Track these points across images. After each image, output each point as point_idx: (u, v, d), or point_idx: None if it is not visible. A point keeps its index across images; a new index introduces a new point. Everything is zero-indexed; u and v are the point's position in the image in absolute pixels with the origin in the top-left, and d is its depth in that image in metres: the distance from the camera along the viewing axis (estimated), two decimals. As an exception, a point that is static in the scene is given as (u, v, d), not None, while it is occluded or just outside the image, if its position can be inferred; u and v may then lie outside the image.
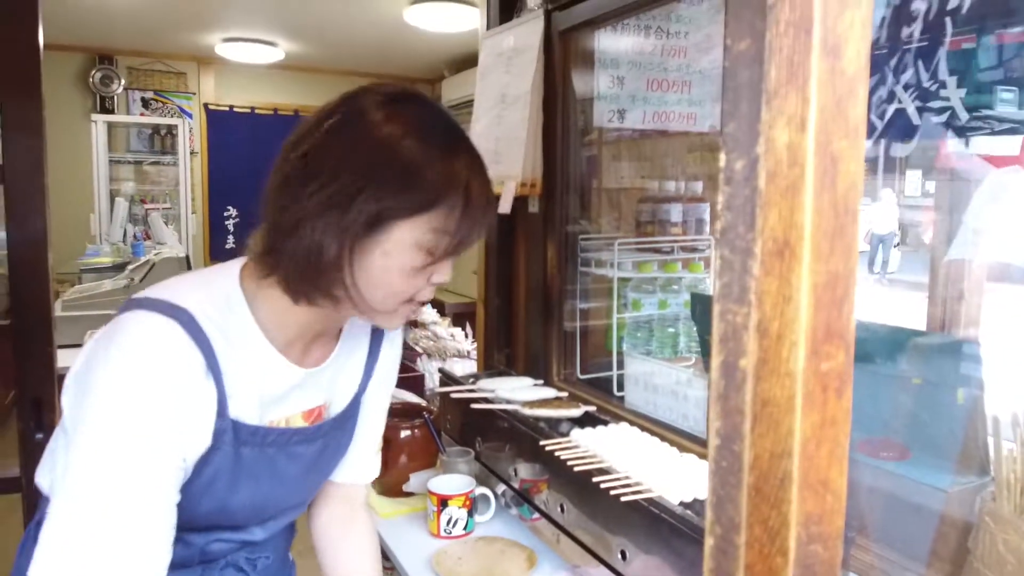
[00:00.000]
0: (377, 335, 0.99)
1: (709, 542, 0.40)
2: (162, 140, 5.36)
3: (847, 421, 0.36)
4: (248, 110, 5.69)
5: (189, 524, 0.79)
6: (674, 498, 0.89)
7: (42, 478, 0.84)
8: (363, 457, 1.02)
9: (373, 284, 0.75)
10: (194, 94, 5.47)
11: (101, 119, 5.07)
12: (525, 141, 1.45)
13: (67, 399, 0.74)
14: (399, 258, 0.75)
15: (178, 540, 0.76)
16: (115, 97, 5.18)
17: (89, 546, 0.66)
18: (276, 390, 0.82)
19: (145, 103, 5.33)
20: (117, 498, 0.67)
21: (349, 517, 1.02)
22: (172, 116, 5.37)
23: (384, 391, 1.02)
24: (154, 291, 0.76)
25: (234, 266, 0.81)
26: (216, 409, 0.75)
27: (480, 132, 1.62)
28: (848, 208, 0.34)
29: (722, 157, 0.39)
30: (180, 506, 0.74)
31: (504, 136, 1.54)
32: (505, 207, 1.48)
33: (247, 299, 0.79)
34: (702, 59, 1.74)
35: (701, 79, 1.76)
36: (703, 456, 1.05)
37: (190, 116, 5.43)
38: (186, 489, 0.76)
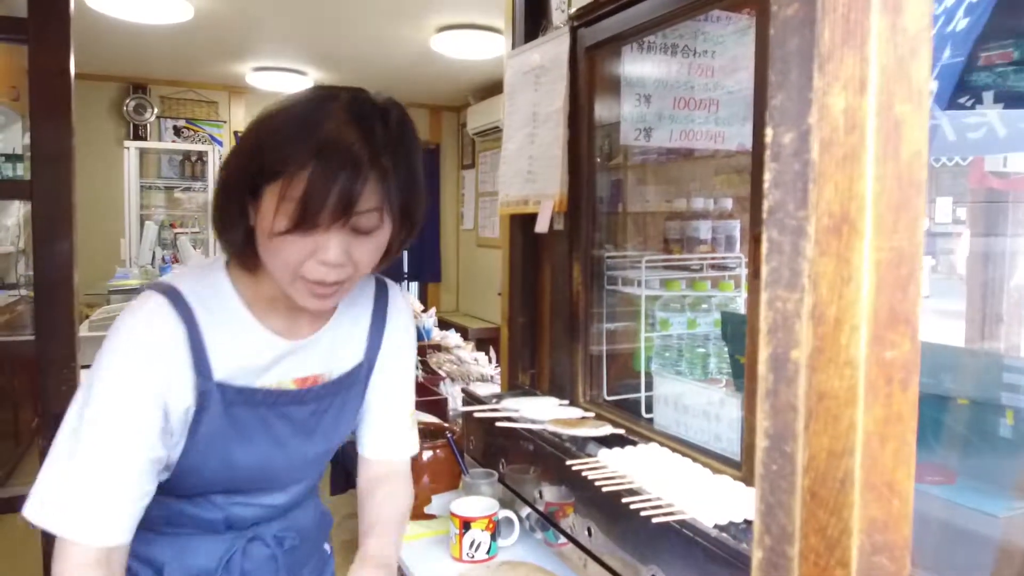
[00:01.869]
0: (381, 305, 1.04)
1: (758, 555, 0.36)
2: (192, 166, 5.46)
3: (913, 417, 0.32)
4: (276, 138, 5.77)
5: (207, 485, 0.91)
6: (708, 521, 0.85)
7: None
8: (394, 431, 1.07)
9: (263, 249, 0.83)
10: (224, 122, 5.57)
11: (134, 146, 5.18)
12: (561, 160, 1.43)
13: None
14: (266, 222, 0.80)
15: (203, 501, 0.92)
16: (148, 125, 5.30)
17: (74, 471, 0.79)
18: (261, 359, 0.91)
19: (177, 131, 5.44)
20: (102, 430, 0.80)
21: (386, 476, 1.07)
22: (202, 143, 5.47)
23: (400, 362, 1.06)
24: (165, 277, 0.92)
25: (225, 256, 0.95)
26: (195, 371, 0.85)
27: (512, 152, 1.61)
28: (913, 179, 0.31)
29: (768, 132, 0.36)
30: (193, 467, 0.88)
31: (538, 155, 1.53)
32: (542, 226, 1.46)
33: (233, 281, 0.91)
34: (729, 79, 1.72)
35: (729, 98, 1.74)
36: (738, 478, 1.00)
37: (220, 143, 5.52)
38: (191, 449, 0.87)
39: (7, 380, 3.62)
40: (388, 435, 1.07)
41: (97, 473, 0.79)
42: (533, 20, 1.66)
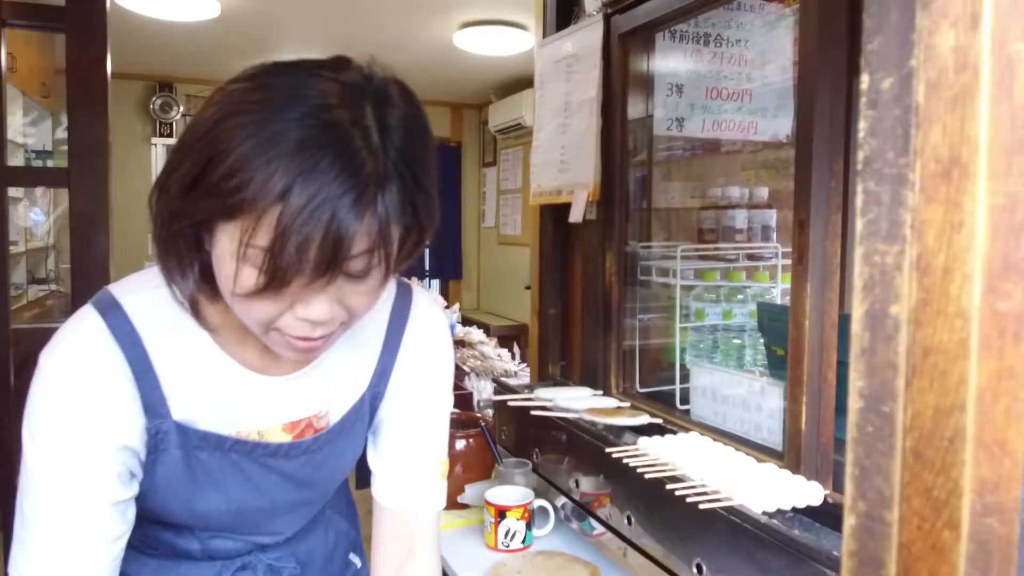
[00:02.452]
0: (396, 327, 0.83)
1: (850, 521, 0.35)
2: (217, 164, 5.51)
3: (1025, 373, 0.31)
4: (300, 135, 5.81)
5: (173, 520, 0.79)
6: (756, 507, 0.83)
7: None
8: (418, 481, 0.87)
9: (226, 298, 0.63)
10: (248, 120, 5.61)
11: (160, 143, 5.24)
12: (595, 149, 1.42)
13: None
14: (224, 272, 0.60)
15: (179, 529, 0.80)
16: (174, 123, 5.36)
17: (30, 535, 0.68)
18: (232, 400, 0.74)
19: (202, 129, 5.50)
20: (47, 509, 0.68)
21: (406, 558, 0.87)
22: (227, 141, 5.52)
23: (420, 397, 0.86)
24: (120, 283, 0.74)
25: None
26: (143, 409, 0.70)
27: (544, 141, 1.60)
28: (1029, 120, 0.30)
29: (864, 79, 0.34)
30: (151, 508, 0.76)
31: (571, 144, 1.52)
32: (576, 216, 1.45)
33: (196, 300, 0.71)
34: (762, 68, 1.70)
35: (761, 88, 1.72)
36: (782, 467, 0.98)
37: (244, 141, 5.57)
38: (148, 491, 0.74)
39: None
40: (410, 485, 0.87)
41: (57, 555, 0.68)
42: (564, 8, 1.65)
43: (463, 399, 2.80)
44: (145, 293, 0.71)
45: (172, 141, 5.35)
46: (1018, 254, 0.30)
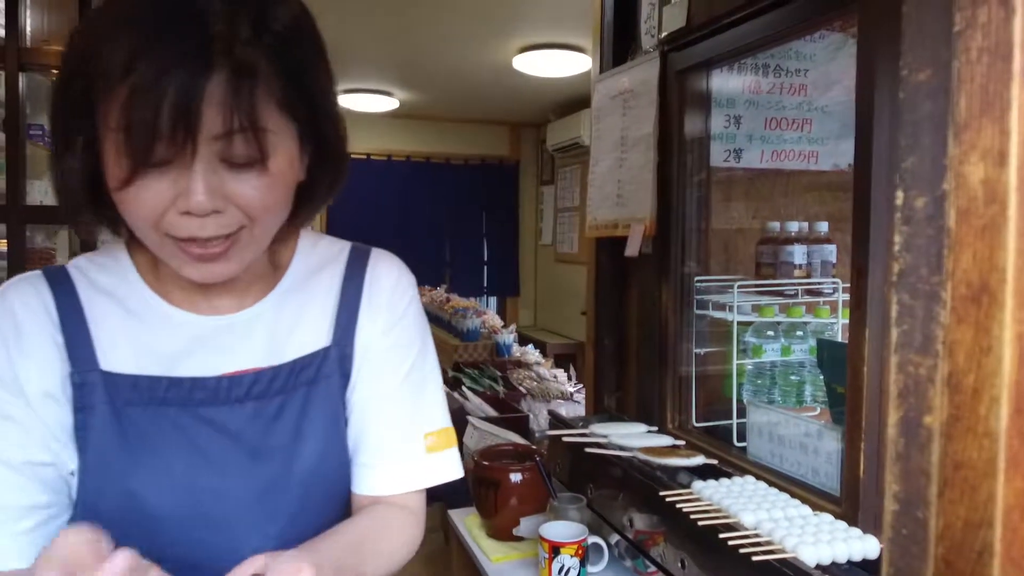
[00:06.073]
0: (355, 272, 0.77)
1: (886, 620, 0.36)
2: (285, 185, 5.72)
3: (1056, 491, 0.32)
4: (364, 156, 5.99)
5: (111, 524, 0.61)
6: (810, 560, 0.83)
7: None
8: (396, 456, 0.76)
9: (116, 200, 0.60)
10: (315, 142, 5.81)
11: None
12: (652, 185, 1.44)
13: None
14: (108, 171, 0.59)
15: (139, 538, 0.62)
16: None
17: None
18: (167, 343, 0.68)
19: (271, 151, 5.71)
20: None
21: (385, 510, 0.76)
22: (295, 163, 5.72)
23: (395, 354, 0.77)
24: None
25: None
26: (68, 356, 0.65)
27: (600, 175, 1.62)
28: (1057, 251, 0.31)
29: (898, 194, 0.36)
30: (87, 493, 0.66)
31: (627, 179, 1.54)
32: (632, 250, 1.47)
33: (131, 250, 0.71)
34: (823, 96, 1.68)
35: (822, 116, 1.70)
36: (838, 515, 0.97)
37: (311, 163, 5.76)
38: (84, 479, 0.65)
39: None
40: (387, 462, 0.75)
41: None
42: (621, 43, 1.67)
43: (519, 421, 2.83)
44: (91, 254, 0.72)
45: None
46: (1048, 377, 0.31)
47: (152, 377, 0.67)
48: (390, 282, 0.78)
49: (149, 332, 0.69)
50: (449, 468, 0.78)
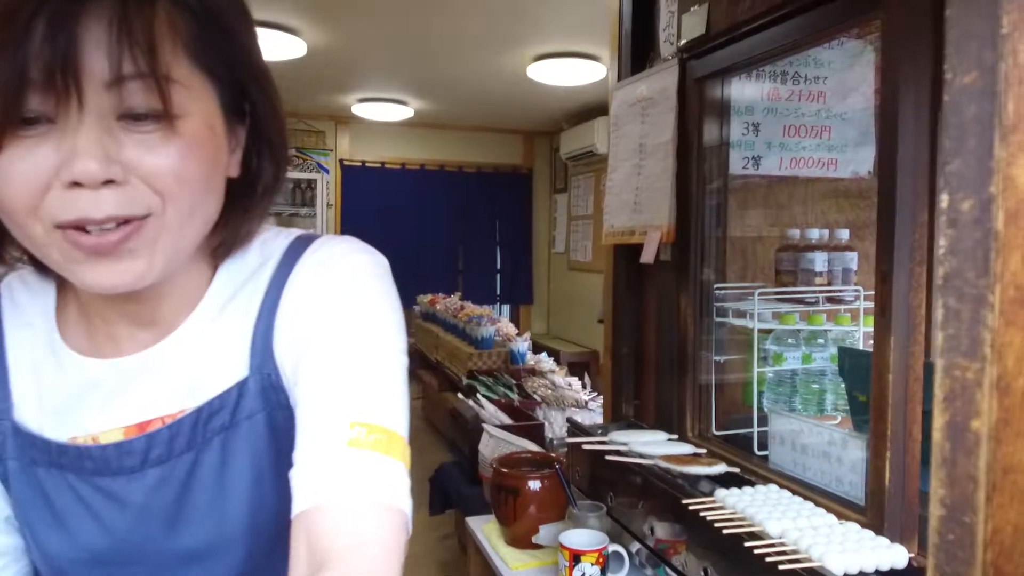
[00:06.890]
0: (284, 270, 0.59)
1: (932, 626, 0.36)
2: (302, 194, 5.77)
3: (1109, 496, 0.31)
4: (379, 165, 6.03)
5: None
6: (837, 569, 0.82)
7: None
8: (315, 452, 0.50)
9: None
10: (331, 151, 5.86)
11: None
12: (670, 192, 1.44)
13: None
14: None
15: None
16: (261, 155, 5.64)
17: None
18: (68, 392, 0.57)
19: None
20: None
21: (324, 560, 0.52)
22: (311, 171, 5.77)
23: (323, 335, 0.55)
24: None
25: None
26: None
27: (618, 182, 1.63)
28: (1109, 253, 0.31)
29: (943, 197, 0.36)
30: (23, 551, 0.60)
31: (646, 187, 1.54)
32: (648, 257, 1.47)
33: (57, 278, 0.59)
34: (841, 103, 1.68)
35: (840, 124, 1.70)
36: (864, 524, 0.96)
37: (327, 171, 5.81)
38: (20, 523, 0.59)
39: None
40: (308, 462, 0.50)
41: None
42: (639, 51, 1.68)
43: (534, 429, 2.82)
44: (28, 268, 0.59)
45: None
46: (1100, 381, 0.31)
47: (46, 439, 0.56)
48: (317, 264, 0.59)
49: (48, 381, 0.57)
50: (380, 480, 0.49)
